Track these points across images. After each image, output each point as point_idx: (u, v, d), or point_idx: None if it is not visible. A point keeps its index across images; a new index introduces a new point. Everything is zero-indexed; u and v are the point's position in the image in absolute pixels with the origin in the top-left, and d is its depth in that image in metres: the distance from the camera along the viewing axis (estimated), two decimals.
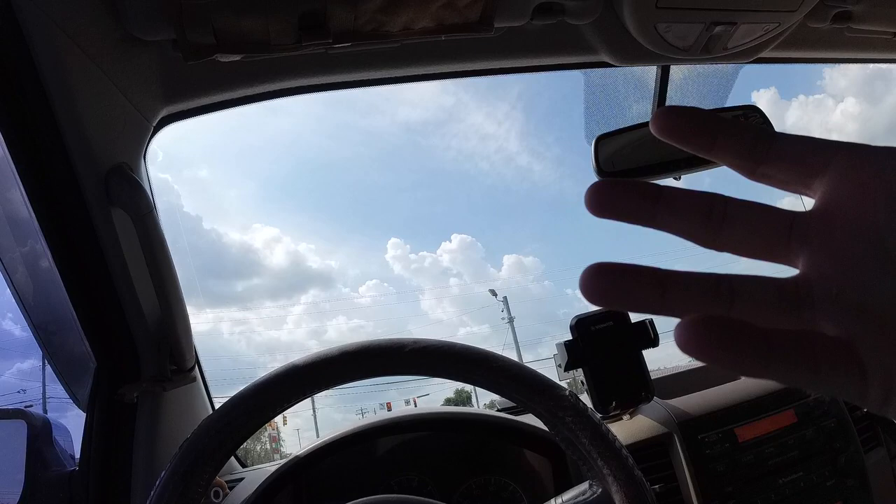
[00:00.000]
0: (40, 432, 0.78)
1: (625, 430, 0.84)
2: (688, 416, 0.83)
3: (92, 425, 0.76)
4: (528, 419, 0.86)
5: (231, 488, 0.86)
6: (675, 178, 0.96)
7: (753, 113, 0.95)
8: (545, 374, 0.54)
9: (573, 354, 0.86)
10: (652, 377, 0.87)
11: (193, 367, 0.84)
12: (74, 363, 0.80)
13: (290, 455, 0.85)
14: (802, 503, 0.79)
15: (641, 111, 1.09)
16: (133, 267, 0.71)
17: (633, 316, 0.87)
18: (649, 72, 1.05)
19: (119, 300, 0.73)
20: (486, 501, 0.84)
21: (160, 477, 0.48)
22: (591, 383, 0.85)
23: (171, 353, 0.78)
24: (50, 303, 0.77)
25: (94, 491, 0.74)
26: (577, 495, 0.54)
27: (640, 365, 0.87)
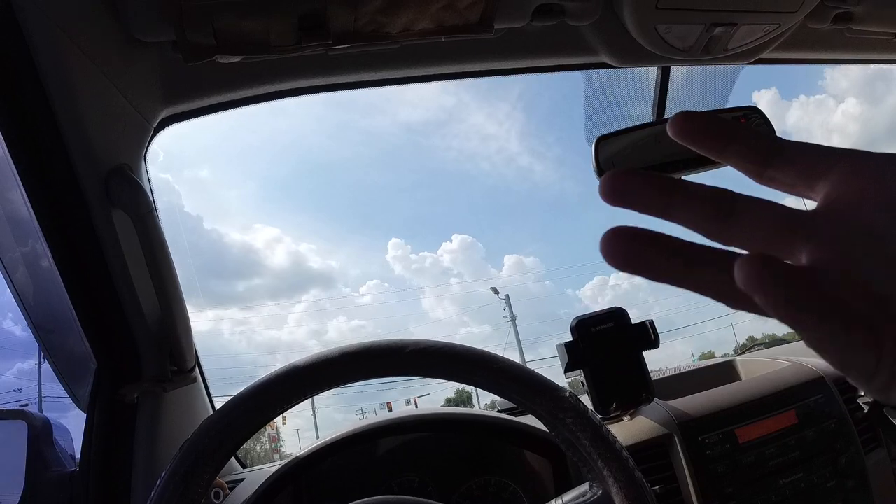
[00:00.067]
0: (41, 433, 0.78)
1: (625, 431, 0.84)
2: (688, 417, 0.83)
3: (92, 426, 0.76)
4: (529, 420, 0.86)
5: (231, 489, 0.86)
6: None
7: (754, 114, 0.94)
8: (546, 375, 0.54)
9: (573, 355, 0.86)
10: (652, 378, 0.87)
11: (194, 368, 0.84)
12: (75, 363, 0.80)
13: (290, 455, 0.85)
14: None
15: (642, 112, 1.09)
16: (133, 267, 0.71)
17: (633, 317, 0.87)
18: (650, 73, 1.05)
19: (119, 300, 0.73)
20: (487, 502, 0.84)
21: (160, 477, 0.48)
22: (592, 384, 0.85)
23: (172, 354, 0.78)
24: (50, 303, 0.77)
25: (94, 491, 0.74)
26: (577, 496, 0.54)
27: (641, 366, 0.87)
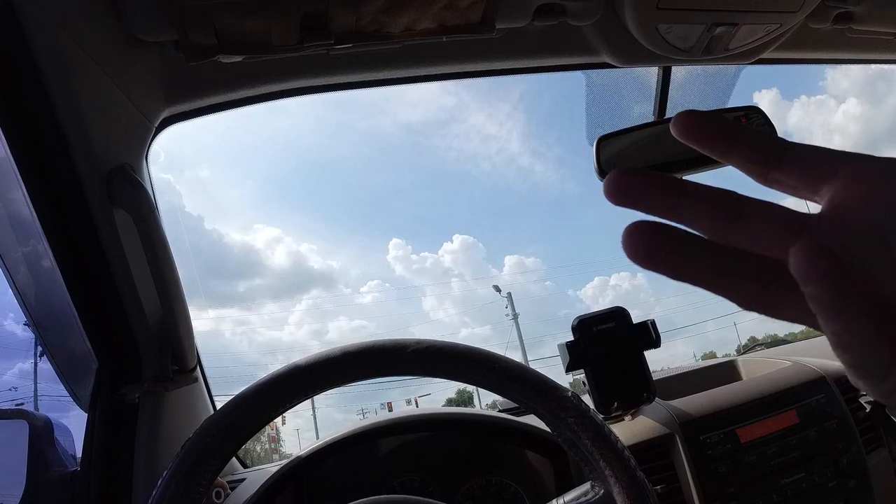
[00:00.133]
0: (42, 432, 0.78)
1: (626, 430, 0.84)
2: (689, 416, 0.83)
3: (94, 425, 0.76)
4: (530, 420, 0.85)
5: (233, 489, 0.86)
6: None
7: (755, 114, 0.94)
8: (547, 375, 0.54)
9: (575, 355, 0.86)
10: (653, 378, 0.87)
11: (195, 368, 0.84)
12: (76, 363, 0.80)
13: (290, 456, 0.85)
14: None
15: (643, 112, 1.09)
16: (135, 267, 0.71)
17: (634, 317, 0.87)
18: (651, 73, 1.05)
19: (121, 300, 0.73)
20: (488, 502, 0.83)
21: (162, 476, 0.48)
22: (593, 384, 0.85)
23: (173, 354, 0.78)
24: (52, 303, 0.77)
25: (95, 491, 0.74)
26: (578, 496, 0.54)
27: (642, 365, 0.87)
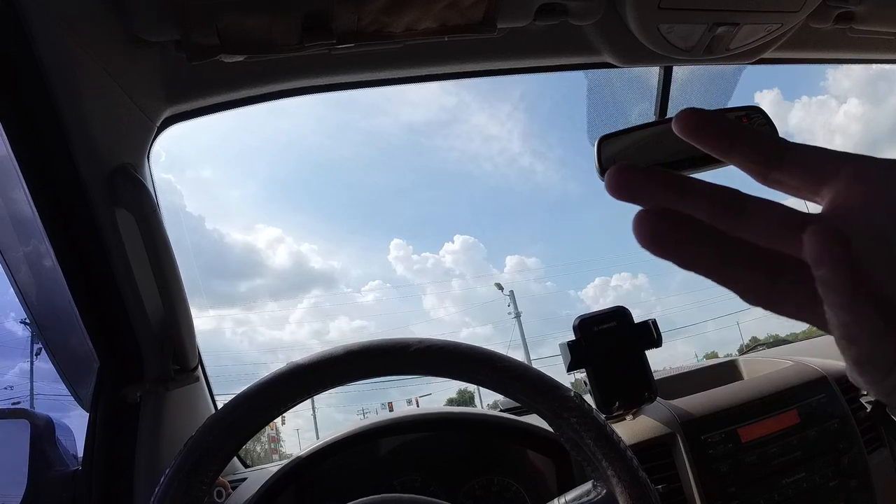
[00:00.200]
0: (43, 432, 0.78)
1: (628, 430, 0.84)
2: (691, 416, 0.83)
3: (95, 425, 0.76)
4: (532, 419, 0.86)
5: (234, 488, 0.86)
6: None
7: (756, 114, 0.94)
8: (549, 375, 0.54)
9: (576, 355, 0.86)
10: (655, 377, 0.87)
11: (197, 367, 0.84)
12: (78, 363, 0.80)
13: (290, 456, 0.85)
14: None
15: (644, 112, 1.09)
16: (136, 267, 0.71)
17: (636, 316, 0.87)
18: (652, 72, 1.05)
19: (122, 300, 0.73)
20: (490, 502, 0.84)
21: (165, 474, 0.48)
22: (594, 383, 0.85)
23: (175, 353, 0.79)
24: (54, 302, 0.77)
25: (96, 490, 0.74)
26: (580, 495, 0.54)
27: (644, 365, 0.87)
